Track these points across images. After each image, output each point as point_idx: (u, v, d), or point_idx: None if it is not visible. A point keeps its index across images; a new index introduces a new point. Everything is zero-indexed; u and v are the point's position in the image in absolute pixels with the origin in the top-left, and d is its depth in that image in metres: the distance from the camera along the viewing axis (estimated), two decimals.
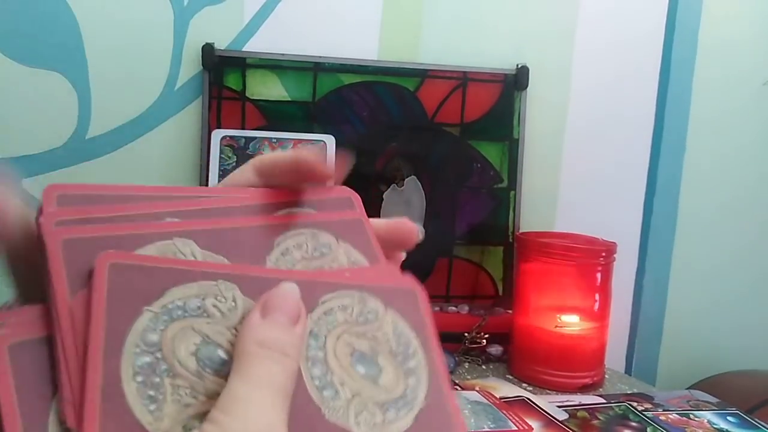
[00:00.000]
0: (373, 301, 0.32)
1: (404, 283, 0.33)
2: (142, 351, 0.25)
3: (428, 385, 0.31)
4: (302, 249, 0.32)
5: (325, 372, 0.29)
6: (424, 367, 0.31)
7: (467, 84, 0.90)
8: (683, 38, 0.98)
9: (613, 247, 0.77)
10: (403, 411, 0.30)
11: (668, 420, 0.64)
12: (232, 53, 0.86)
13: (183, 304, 0.27)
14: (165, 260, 0.27)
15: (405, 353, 0.31)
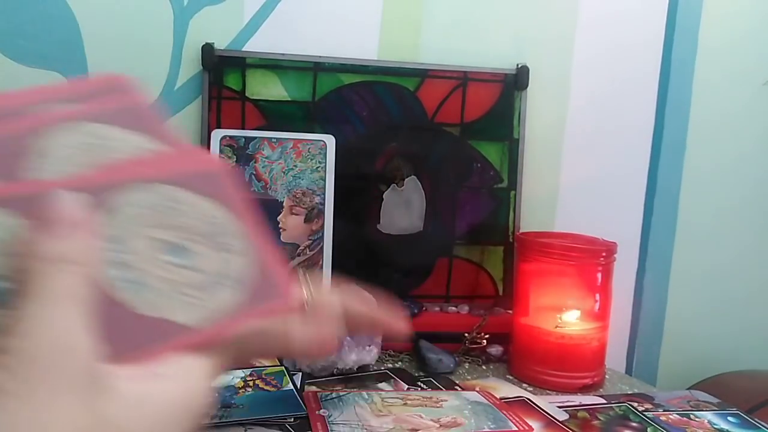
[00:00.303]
0: (173, 190, 0.31)
1: (203, 166, 0.33)
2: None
3: (248, 256, 0.32)
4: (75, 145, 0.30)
5: (129, 270, 0.28)
6: (242, 242, 0.32)
7: (467, 84, 0.90)
8: (683, 38, 0.98)
9: (614, 247, 0.77)
10: (227, 286, 0.31)
11: (669, 420, 0.64)
12: (231, 53, 0.85)
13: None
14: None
15: (219, 232, 0.31)
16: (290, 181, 0.82)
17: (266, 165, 0.82)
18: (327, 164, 0.83)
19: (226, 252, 0.31)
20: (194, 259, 0.30)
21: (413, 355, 0.79)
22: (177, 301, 0.29)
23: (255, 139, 0.82)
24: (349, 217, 0.87)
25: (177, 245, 0.30)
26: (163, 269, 0.29)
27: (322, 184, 0.83)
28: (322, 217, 0.82)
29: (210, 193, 0.32)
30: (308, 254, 0.82)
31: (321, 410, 0.60)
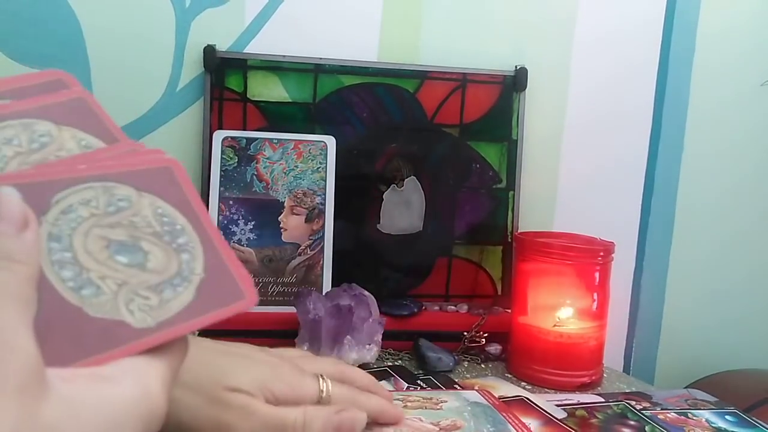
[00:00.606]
0: (122, 188, 0.30)
1: (155, 162, 0.32)
2: None
3: (204, 257, 0.31)
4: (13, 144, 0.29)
5: (78, 272, 0.27)
6: (197, 241, 0.31)
7: (466, 85, 0.91)
8: (681, 39, 0.98)
9: (611, 247, 0.77)
10: (182, 287, 0.29)
11: (667, 419, 0.64)
12: (233, 55, 0.86)
13: None
14: None
15: (172, 232, 0.30)
16: (291, 182, 0.83)
17: (267, 165, 0.83)
18: (327, 165, 0.84)
19: (179, 252, 0.30)
20: (146, 259, 0.29)
21: (413, 354, 0.80)
22: (129, 302, 0.28)
23: (256, 140, 0.83)
24: (349, 217, 0.87)
25: (127, 245, 0.29)
26: (113, 270, 0.28)
27: (322, 185, 0.83)
28: (322, 217, 0.83)
29: (160, 191, 0.31)
30: (309, 254, 0.82)
31: None
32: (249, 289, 0.31)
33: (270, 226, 0.82)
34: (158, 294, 0.29)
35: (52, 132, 0.31)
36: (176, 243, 0.30)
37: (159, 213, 0.30)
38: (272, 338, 0.78)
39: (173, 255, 0.30)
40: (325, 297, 0.74)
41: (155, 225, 0.30)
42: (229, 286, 0.31)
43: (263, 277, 0.81)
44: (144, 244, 0.29)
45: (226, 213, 0.81)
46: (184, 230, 0.31)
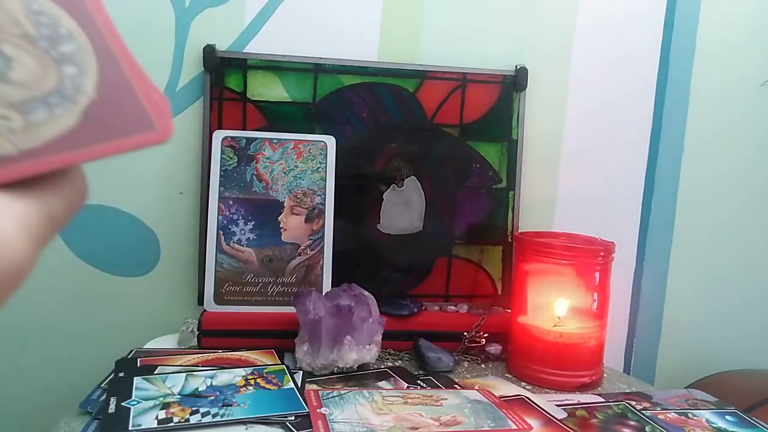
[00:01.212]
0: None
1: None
2: None
3: (99, 74, 0.24)
4: None
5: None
6: (90, 51, 0.24)
7: (466, 85, 0.91)
8: (681, 40, 0.98)
9: (612, 247, 0.77)
10: (60, 108, 0.23)
11: (667, 419, 0.64)
12: (233, 54, 0.86)
13: None
14: None
15: (51, 37, 0.24)
16: (291, 182, 0.83)
17: (267, 165, 0.83)
18: (327, 165, 0.84)
19: (61, 63, 0.24)
20: (8, 67, 0.23)
21: (413, 354, 0.80)
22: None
23: (256, 139, 0.83)
24: (349, 217, 0.87)
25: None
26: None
27: (322, 185, 0.83)
28: (322, 217, 0.83)
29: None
30: (309, 254, 0.82)
31: (322, 408, 0.60)
32: (162, 119, 0.25)
33: (270, 226, 0.82)
34: (24, 114, 0.23)
35: None
36: (57, 51, 0.24)
37: (34, 10, 0.24)
38: (272, 338, 0.78)
39: (51, 65, 0.23)
40: (325, 297, 0.74)
41: (26, 24, 0.23)
42: (132, 112, 0.25)
43: (263, 277, 0.81)
44: (6, 48, 0.23)
45: (225, 213, 0.81)
46: (72, 36, 0.24)
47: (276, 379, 0.67)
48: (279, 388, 0.65)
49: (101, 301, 0.89)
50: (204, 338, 0.78)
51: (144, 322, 0.89)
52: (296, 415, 0.59)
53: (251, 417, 0.58)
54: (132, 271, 0.89)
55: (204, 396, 0.61)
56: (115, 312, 0.89)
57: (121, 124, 0.24)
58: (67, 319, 0.89)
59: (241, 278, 0.80)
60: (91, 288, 0.88)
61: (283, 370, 0.69)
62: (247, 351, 0.75)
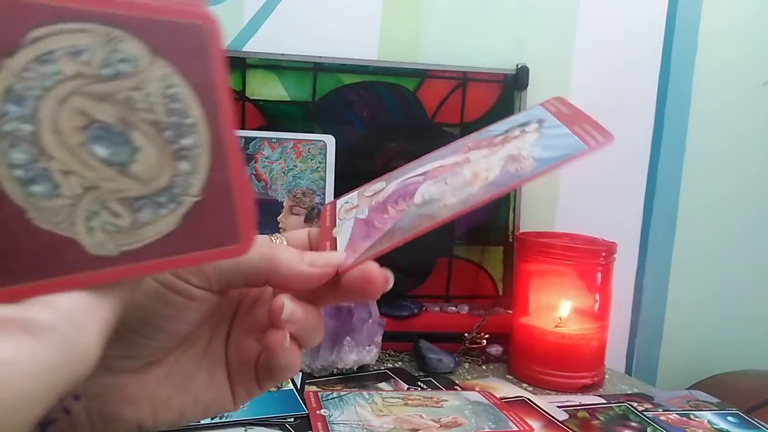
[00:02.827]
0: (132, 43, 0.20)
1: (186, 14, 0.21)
2: None
3: (208, 173, 0.22)
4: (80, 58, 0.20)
5: (35, 156, 0.19)
6: (206, 147, 0.21)
7: (467, 84, 0.90)
8: (683, 39, 0.98)
9: (613, 247, 0.77)
10: (166, 209, 0.21)
11: (668, 420, 0.64)
12: (232, 53, 0.85)
13: None
14: None
15: (178, 126, 0.21)
16: (290, 181, 0.82)
17: (266, 165, 0.82)
18: (327, 164, 0.83)
19: (179, 158, 0.21)
20: (133, 159, 0.20)
21: (413, 355, 0.79)
22: (92, 216, 0.20)
23: (255, 139, 0.82)
24: None
25: (113, 132, 0.20)
26: (84, 164, 0.19)
27: (322, 184, 0.83)
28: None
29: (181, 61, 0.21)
30: None
31: (321, 410, 0.60)
32: (247, 232, 0.23)
33: (269, 226, 0.81)
34: (133, 212, 0.20)
35: None
36: (179, 144, 0.21)
37: (170, 94, 0.21)
38: None
39: (169, 160, 0.21)
40: None
41: (159, 111, 0.20)
42: (225, 220, 0.22)
43: None
44: (136, 136, 0.20)
45: None
46: (195, 128, 0.21)
47: None
48: (278, 390, 0.64)
49: None
50: None
51: None
52: (296, 416, 0.58)
53: (250, 418, 0.57)
54: None
55: None
56: None
57: (213, 234, 0.22)
58: None
59: None
60: None
61: None
62: None
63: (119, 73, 0.20)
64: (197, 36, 0.21)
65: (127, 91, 0.20)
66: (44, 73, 0.19)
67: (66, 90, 0.19)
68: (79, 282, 0.20)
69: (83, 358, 0.20)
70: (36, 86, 0.19)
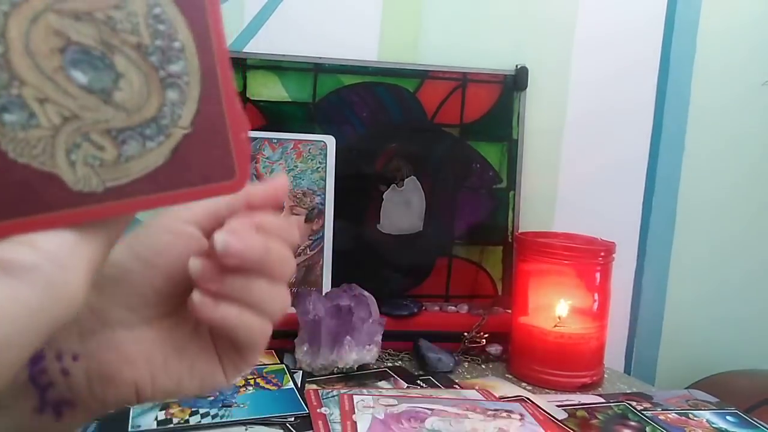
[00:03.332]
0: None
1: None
2: None
3: (200, 102, 0.20)
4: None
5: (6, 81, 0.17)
6: (196, 74, 0.20)
7: (467, 85, 0.90)
8: (682, 39, 0.98)
9: (612, 247, 0.77)
10: (154, 141, 0.20)
11: (667, 419, 0.64)
12: (232, 54, 0.85)
13: None
14: None
15: (165, 50, 0.19)
16: (291, 182, 0.82)
17: (267, 165, 0.82)
18: (327, 165, 0.83)
19: (166, 85, 0.20)
20: (116, 86, 0.19)
21: (413, 355, 0.79)
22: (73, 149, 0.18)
23: (256, 139, 0.83)
24: (349, 217, 0.87)
25: (94, 55, 0.18)
26: (62, 91, 0.18)
27: (322, 185, 0.83)
28: (322, 218, 0.82)
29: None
30: (308, 254, 0.82)
31: (322, 408, 0.60)
32: (242, 167, 0.22)
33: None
34: (118, 145, 0.19)
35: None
36: (166, 70, 0.20)
37: (155, 14, 0.19)
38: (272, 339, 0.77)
39: (156, 87, 0.20)
40: (325, 297, 0.74)
41: (144, 33, 0.19)
42: (219, 155, 0.21)
43: None
44: (119, 60, 0.19)
45: None
46: (184, 52, 0.20)
47: (276, 379, 0.67)
48: (279, 389, 0.65)
49: None
50: None
51: None
52: (296, 415, 0.59)
53: (251, 418, 0.58)
54: None
55: (203, 396, 0.61)
56: None
57: (205, 169, 0.21)
58: None
59: None
60: None
61: (283, 370, 0.69)
62: None
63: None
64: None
65: (107, 9, 0.18)
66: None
67: (38, 5, 0.17)
68: (62, 220, 0.19)
69: (68, 299, 0.19)
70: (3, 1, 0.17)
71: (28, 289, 0.18)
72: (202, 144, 0.21)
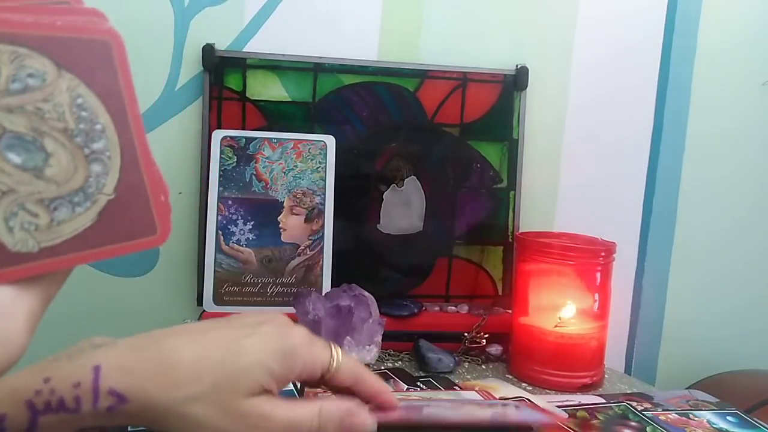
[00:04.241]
0: (38, 60, 0.22)
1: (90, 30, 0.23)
2: None
3: (121, 172, 0.24)
4: None
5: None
6: (117, 149, 0.24)
7: (467, 84, 0.90)
8: (682, 39, 0.98)
9: (613, 247, 0.77)
10: (82, 207, 0.24)
11: (668, 420, 0.64)
12: (232, 54, 0.86)
13: None
14: None
15: (88, 132, 0.23)
16: (290, 182, 0.82)
17: (267, 165, 0.82)
18: (327, 164, 0.83)
19: (90, 160, 0.24)
20: (46, 164, 0.23)
21: (413, 355, 0.79)
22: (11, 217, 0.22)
23: (255, 139, 0.83)
24: (349, 217, 0.87)
25: (26, 140, 0.22)
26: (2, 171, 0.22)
27: (322, 185, 0.83)
28: (322, 217, 0.82)
29: (87, 73, 0.23)
30: (308, 254, 0.82)
31: None
32: (163, 224, 0.25)
33: (269, 226, 0.81)
34: (50, 212, 0.23)
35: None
36: (90, 148, 0.23)
37: (78, 104, 0.23)
38: None
39: (81, 163, 0.23)
40: (325, 297, 0.74)
41: (69, 119, 0.23)
42: (140, 215, 0.25)
43: (262, 277, 0.81)
44: (48, 143, 0.22)
45: (225, 213, 0.81)
46: (105, 132, 0.24)
47: None
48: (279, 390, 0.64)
49: (100, 302, 0.88)
50: None
51: (143, 322, 0.89)
52: None
53: None
54: (131, 272, 0.89)
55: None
56: (114, 312, 0.89)
57: (129, 227, 0.25)
58: (66, 320, 0.88)
59: (240, 278, 0.80)
60: (90, 288, 0.88)
61: None
62: None
63: (27, 87, 0.22)
64: (101, 50, 0.24)
65: (36, 102, 0.22)
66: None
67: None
68: (3, 277, 0.22)
69: (11, 345, 0.22)
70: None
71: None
72: (125, 207, 0.24)
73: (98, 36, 0.24)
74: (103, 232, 0.24)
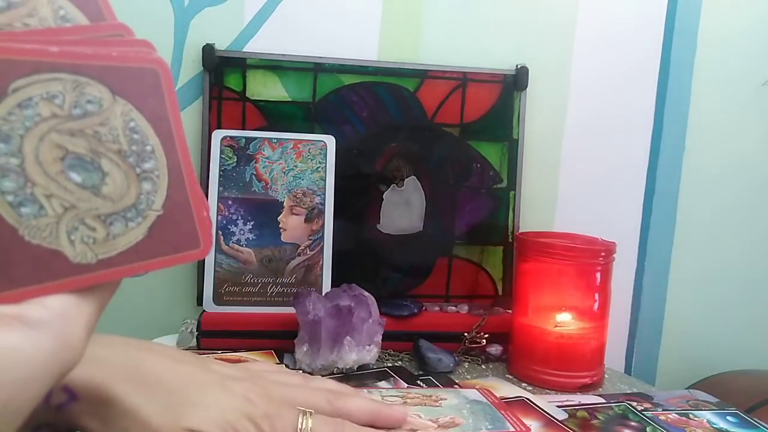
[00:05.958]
0: (96, 87, 0.25)
1: (141, 59, 0.26)
2: None
3: (168, 190, 0.26)
4: None
5: (22, 184, 0.23)
6: (164, 169, 0.26)
7: (467, 84, 0.90)
8: (683, 38, 0.98)
9: (613, 247, 0.77)
10: (134, 222, 0.26)
11: (668, 420, 0.64)
12: (232, 54, 0.86)
13: None
14: None
15: (140, 153, 0.26)
16: (290, 182, 0.82)
17: (267, 165, 0.82)
18: (327, 164, 0.83)
19: (141, 179, 0.26)
20: (103, 182, 0.25)
21: (413, 355, 0.79)
22: (72, 231, 0.24)
23: (255, 139, 0.83)
24: (349, 217, 0.87)
25: (85, 160, 0.24)
26: (63, 188, 0.24)
27: (322, 185, 0.83)
28: (322, 217, 0.82)
29: (138, 99, 0.26)
30: (308, 254, 0.82)
31: None
32: (206, 238, 0.28)
33: (269, 226, 0.81)
34: (106, 226, 0.25)
35: None
36: (141, 167, 0.26)
37: (131, 127, 0.25)
38: (271, 339, 0.77)
39: (134, 182, 0.26)
40: (325, 297, 0.74)
41: (123, 141, 0.25)
42: (185, 229, 0.27)
43: (262, 277, 0.81)
44: (104, 163, 0.25)
45: (225, 213, 0.81)
46: (154, 153, 0.26)
47: None
48: None
49: None
50: (203, 339, 0.78)
51: (142, 322, 0.89)
52: None
53: None
54: None
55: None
56: (113, 312, 0.89)
57: (175, 241, 0.27)
58: None
59: (240, 278, 0.80)
60: None
61: None
62: (246, 352, 0.75)
63: (87, 113, 0.24)
64: (151, 78, 0.26)
65: (94, 126, 0.24)
66: (25, 115, 0.23)
67: (44, 128, 0.24)
68: (66, 286, 0.24)
69: (73, 347, 0.24)
70: (19, 126, 0.23)
71: (43, 337, 0.23)
72: (172, 222, 0.27)
73: (148, 65, 0.26)
74: (152, 245, 0.26)
